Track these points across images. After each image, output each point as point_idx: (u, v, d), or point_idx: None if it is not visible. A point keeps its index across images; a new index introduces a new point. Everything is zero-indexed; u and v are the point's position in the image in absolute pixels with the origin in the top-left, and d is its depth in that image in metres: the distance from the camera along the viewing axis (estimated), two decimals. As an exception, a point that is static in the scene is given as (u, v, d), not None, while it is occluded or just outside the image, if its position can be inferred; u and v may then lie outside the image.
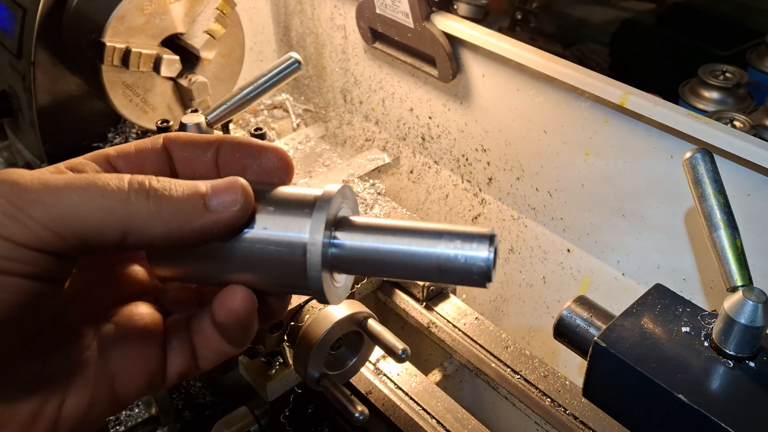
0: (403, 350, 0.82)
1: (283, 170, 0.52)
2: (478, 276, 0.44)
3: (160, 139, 0.52)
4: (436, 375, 1.07)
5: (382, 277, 0.47)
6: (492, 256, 0.44)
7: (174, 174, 0.52)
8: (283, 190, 0.49)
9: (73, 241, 0.42)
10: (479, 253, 0.44)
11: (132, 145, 0.51)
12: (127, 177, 0.43)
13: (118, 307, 0.52)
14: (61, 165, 0.47)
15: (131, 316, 0.52)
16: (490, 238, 0.44)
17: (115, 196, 0.42)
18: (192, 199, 0.45)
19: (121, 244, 0.43)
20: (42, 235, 0.41)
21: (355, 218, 0.47)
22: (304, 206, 0.46)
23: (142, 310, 0.52)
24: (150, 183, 0.44)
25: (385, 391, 0.94)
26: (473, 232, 0.44)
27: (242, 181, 0.46)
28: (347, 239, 0.46)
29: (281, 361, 0.95)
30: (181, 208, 0.44)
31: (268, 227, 0.47)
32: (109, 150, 0.50)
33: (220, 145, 0.51)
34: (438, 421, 0.90)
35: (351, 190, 0.50)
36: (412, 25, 1.19)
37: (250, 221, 0.47)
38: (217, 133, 0.53)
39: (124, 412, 1.04)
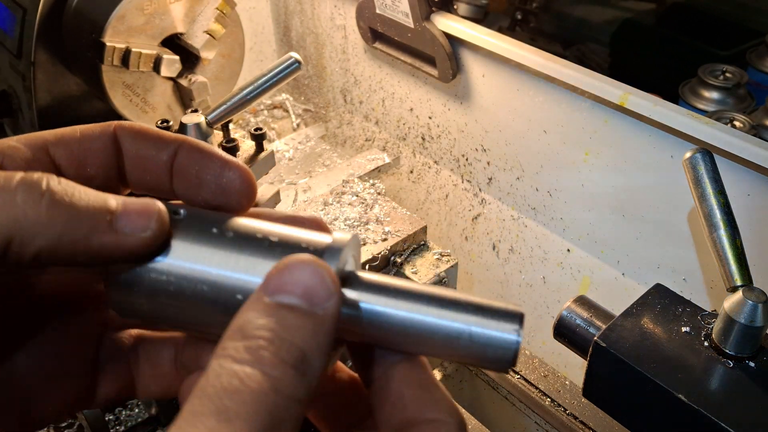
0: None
1: (244, 195, 0.44)
2: (500, 361, 0.38)
3: (110, 126, 0.45)
4: (436, 375, 1.07)
5: (391, 348, 0.41)
6: (520, 339, 0.38)
7: (121, 172, 0.45)
8: (293, 232, 0.41)
9: None
10: (505, 334, 0.38)
11: (77, 129, 0.44)
12: (18, 175, 0.36)
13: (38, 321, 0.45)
14: None
15: (55, 334, 0.45)
16: (519, 318, 0.38)
17: None
18: (96, 214, 0.37)
19: (2, 255, 0.36)
20: None
21: (364, 274, 0.40)
22: (309, 251, 0.39)
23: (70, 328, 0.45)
24: (48, 183, 0.36)
25: (385, 391, 0.94)
26: (500, 308, 0.38)
27: (160, 206, 0.39)
28: (357, 298, 0.39)
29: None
30: (79, 219, 0.36)
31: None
32: (47, 134, 0.43)
33: (178, 147, 0.44)
34: (438, 421, 0.90)
35: (358, 241, 0.43)
36: (412, 25, 1.19)
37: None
38: (174, 134, 0.46)
39: (123, 412, 1.04)
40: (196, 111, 1.12)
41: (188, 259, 0.40)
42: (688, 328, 0.69)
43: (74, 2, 1.15)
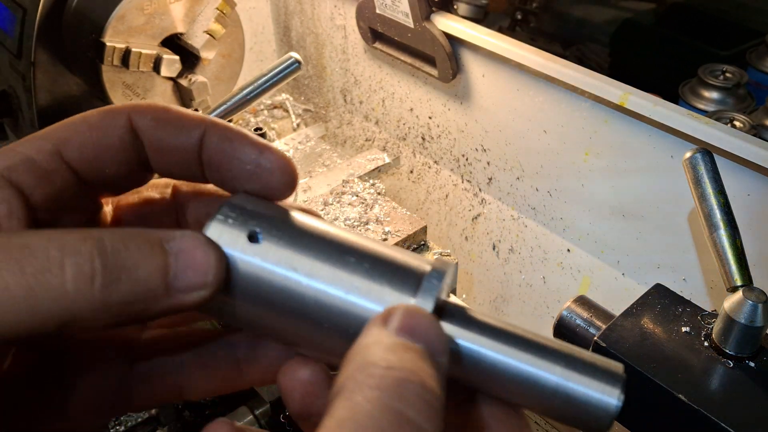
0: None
1: (285, 183, 0.41)
2: (594, 425, 0.36)
3: (123, 114, 0.41)
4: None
5: (482, 390, 0.39)
6: (620, 405, 0.35)
7: (142, 158, 0.42)
8: (389, 253, 0.39)
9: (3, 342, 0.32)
10: (605, 397, 0.35)
11: (84, 124, 0.40)
12: (58, 257, 0.32)
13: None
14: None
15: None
16: (622, 381, 0.35)
17: (45, 294, 0.32)
18: (151, 281, 0.34)
19: (58, 336, 0.35)
20: None
21: (471, 312, 0.38)
22: (408, 276, 0.37)
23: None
24: (93, 263, 0.33)
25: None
26: (604, 366, 0.36)
27: (214, 247, 0.37)
28: (458, 336, 0.37)
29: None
30: (135, 296, 0.34)
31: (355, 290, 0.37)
32: (55, 137, 0.39)
33: (205, 131, 0.41)
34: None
35: (455, 270, 0.41)
36: (412, 25, 1.19)
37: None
38: (198, 114, 0.42)
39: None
40: (196, 111, 1.12)
41: (290, 254, 0.37)
42: (688, 328, 0.69)
43: (74, 2, 1.15)
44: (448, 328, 0.37)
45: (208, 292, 0.36)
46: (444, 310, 0.38)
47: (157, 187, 0.45)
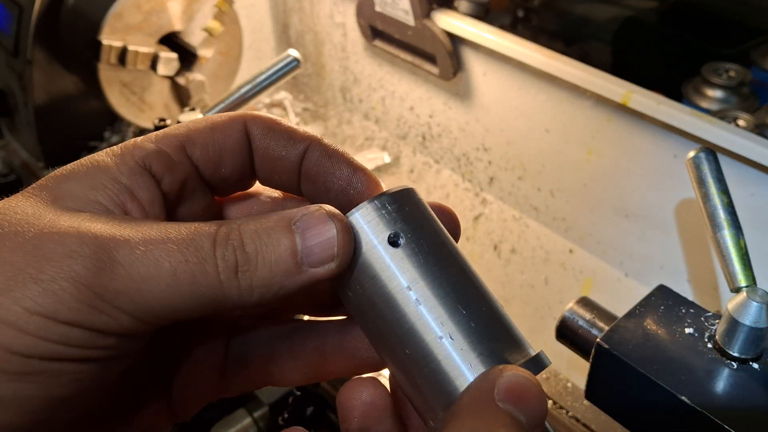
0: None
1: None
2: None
3: (241, 120, 0.45)
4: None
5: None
6: None
7: (252, 165, 0.46)
8: (507, 328, 0.42)
9: (160, 324, 0.38)
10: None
11: (208, 124, 0.45)
12: (209, 244, 0.38)
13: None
14: (131, 154, 0.42)
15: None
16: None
17: (205, 281, 0.37)
18: (283, 263, 0.39)
19: (210, 317, 0.40)
20: (129, 324, 0.37)
21: None
22: (516, 346, 0.41)
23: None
24: (236, 254, 0.38)
25: (385, 392, 0.93)
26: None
27: (336, 216, 0.40)
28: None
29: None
30: (272, 278, 0.38)
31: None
32: (180, 133, 0.44)
33: (308, 147, 0.45)
34: (438, 424, 0.89)
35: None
36: (412, 23, 1.18)
37: None
38: (304, 130, 0.46)
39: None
40: (193, 109, 1.11)
41: (419, 272, 0.39)
42: (691, 330, 0.68)
43: (71, 0, 1.14)
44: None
45: (337, 264, 0.39)
46: None
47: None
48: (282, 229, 0.39)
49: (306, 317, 0.51)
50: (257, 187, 0.50)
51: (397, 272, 0.39)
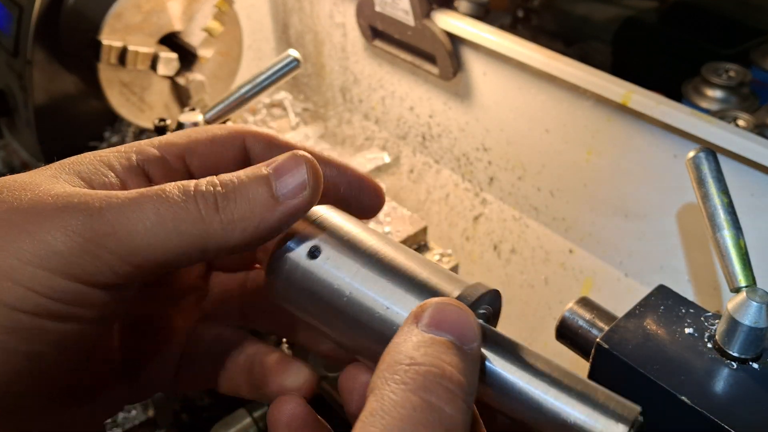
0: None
1: (376, 208, 0.51)
2: None
3: (240, 134, 0.48)
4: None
5: (495, 408, 0.41)
6: None
7: None
8: (416, 259, 0.44)
9: (150, 270, 0.40)
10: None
11: (208, 135, 0.48)
12: (191, 187, 0.41)
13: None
14: (132, 154, 0.45)
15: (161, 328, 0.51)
16: (631, 422, 0.37)
17: (187, 217, 0.40)
18: (260, 195, 0.41)
19: (198, 261, 0.42)
20: (121, 269, 0.39)
21: (492, 330, 0.41)
22: (452, 282, 0.42)
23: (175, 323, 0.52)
24: (215, 191, 0.41)
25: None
26: (616, 406, 0.37)
27: (305, 155, 0.43)
28: (492, 360, 0.40)
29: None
30: (251, 210, 0.41)
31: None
32: (180, 141, 0.47)
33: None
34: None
35: (499, 298, 0.44)
36: (412, 23, 1.18)
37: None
38: (303, 144, 0.49)
39: (120, 414, 1.04)
40: (193, 109, 1.11)
41: (341, 271, 0.43)
42: (691, 330, 0.68)
43: (71, 1, 1.14)
44: (485, 353, 0.40)
45: (309, 193, 0.42)
46: (487, 336, 0.40)
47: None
48: (256, 170, 0.42)
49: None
50: None
51: (324, 278, 0.44)
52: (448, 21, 1.15)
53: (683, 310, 0.70)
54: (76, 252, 0.37)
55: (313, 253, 0.44)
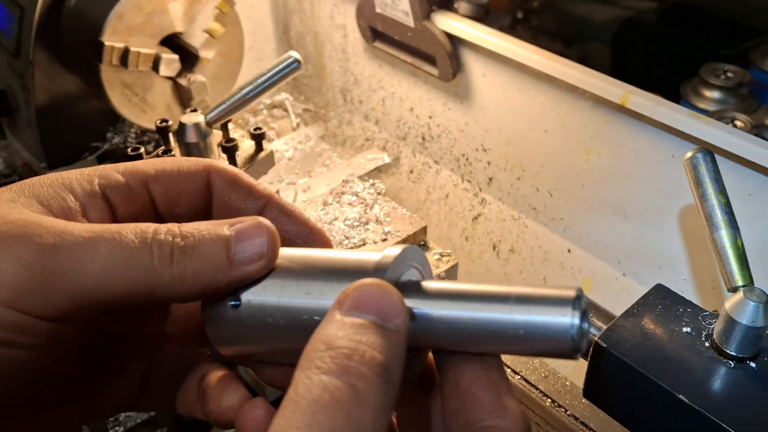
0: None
1: None
2: (561, 350, 0.38)
3: (206, 169, 0.49)
4: (436, 376, 1.07)
5: (453, 350, 0.42)
6: (576, 323, 0.37)
7: (207, 212, 0.50)
8: (334, 254, 0.45)
9: (92, 309, 0.40)
10: (556, 320, 0.37)
11: (175, 166, 0.48)
12: (149, 234, 0.41)
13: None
14: (95, 178, 0.45)
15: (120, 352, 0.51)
16: (570, 302, 0.37)
17: (140, 264, 0.40)
18: (217, 256, 0.42)
19: (143, 305, 0.42)
20: (63, 306, 0.39)
21: (424, 283, 0.42)
22: (361, 273, 0.42)
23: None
24: (173, 243, 0.41)
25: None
26: (551, 295, 0.38)
27: (268, 226, 0.44)
28: (412, 306, 0.41)
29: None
30: (204, 268, 0.41)
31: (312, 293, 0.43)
32: (148, 168, 0.47)
33: (266, 204, 0.49)
34: (438, 422, 0.90)
35: (418, 252, 0.44)
36: (412, 24, 1.19)
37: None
38: (264, 187, 0.50)
39: (122, 414, 1.04)
40: (195, 110, 1.11)
41: (271, 293, 0.44)
42: (689, 329, 0.69)
43: (73, 1, 1.15)
44: (408, 303, 0.40)
45: (264, 263, 0.43)
46: (405, 288, 0.41)
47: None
48: (218, 228, 0.43)
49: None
50: None
51: (252, 322, 0.44)
52: (447, 22, 1.16)
53: (681, 310, 0.71)
54: (21, 285, 0.38)
55: (235, 303, 0.44)
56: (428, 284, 0.42)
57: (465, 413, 0.40)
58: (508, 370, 0.94)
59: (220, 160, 0.52)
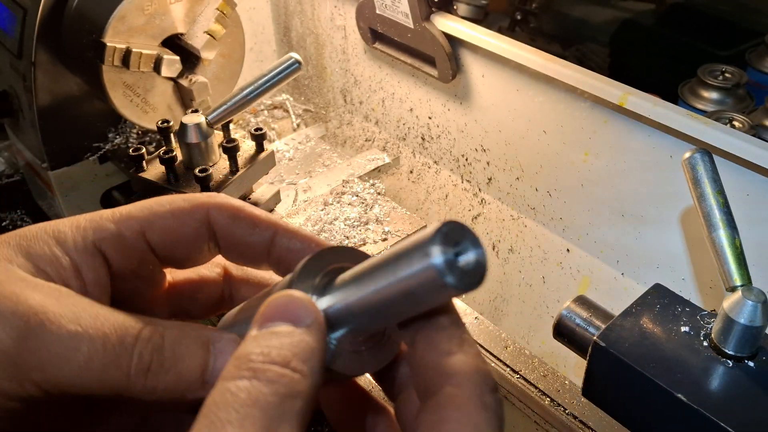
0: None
1: None
2: (439, 289, 0.36)
3: (204, 207, 0.47)
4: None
5: (381, 325, 0.44)
6: (441, 258, 0.35)
7: (212, 250, 0.49)
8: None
9: (57, 397, 0.40)
10: (423, 265, 0.36)
11: (168, 210, 0.47)
12: (132, 343, 0.40)
13: None
14: (89, 232, 0.44)
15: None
16: (430, 240, 0.36)
17: (115, 371, 0.40)
18: (191, 376, 0.42)
19: (109, 400, 0.42)
20: (32, 392, 0.39)
21: (340, 276, 0.43)
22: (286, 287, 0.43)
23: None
24: (152, 358, 0.41)
25: (385, 390, 0.94)
26: (417, 240, 0.37)
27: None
28: (330, 303, 0.42)
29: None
30: (176, 386, 0.41)
31: None
32: (140, 215, 0.46)
33: (275, 234, 0.48)
34: (438, 421, 0.90)
35: (348, 251, 0.45)
36: (411, 26, 1.19)
37: None
38: (268, 216, 0.49)
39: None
40: (196, 111, 1.12)
41: None
42: (687, 328, 0.69)
43: (75, 2, 1.15)
44: (328, 301, 0.41)
45: None
46: (325, 289, 0.42)
47: (211, 265, 0.53)
48: (201, 346, 0.42)
49: None
50: (217, 262, 0.54)
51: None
52: (447, 23, 1.16)
53: (679, 309, 0.71)
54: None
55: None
56: (343, 275, 0.42)
57: (421, 380, 0.40)
58: (508, 369, 0.94)
59: (219, 194, 0.49)
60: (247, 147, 1.15)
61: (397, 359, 0.46)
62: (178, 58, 1.16)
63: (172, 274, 0.53)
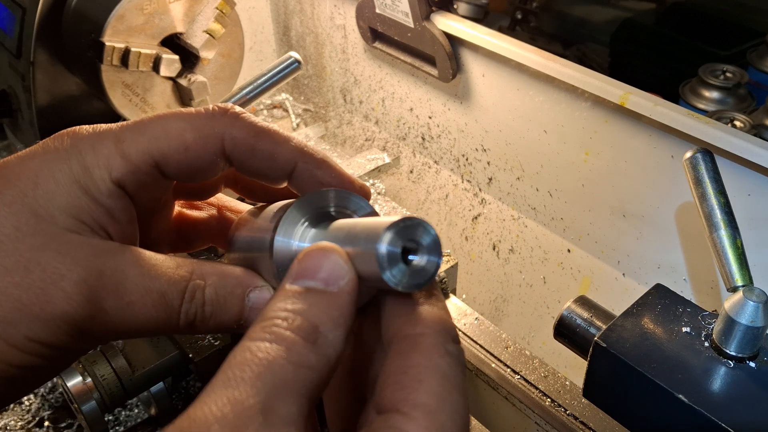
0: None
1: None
2: (380, 278, 0.37)
3: (218, 141, 0.48)
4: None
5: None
6: (384, 249, 0.37)
7: (221, 180, 0.56)
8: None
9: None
10: (371, 245, 0.37)
11: (182, 148, 0.47)
12: (177, 306, 0.46)
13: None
14: (111, 172, 0.46)
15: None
16: (384, 228, 0.37)
17: (166, 327, 0.46)
18: (228, 322, 0.47)
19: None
20: (92, 347, 0.48)
21: (332, 222, 0.44)
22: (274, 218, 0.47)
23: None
24: (197, 315, 0.46)
25: (385, 391, 0.94)
26: (379, 223, 0.38)
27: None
28: (307, 239, 0.44)
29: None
30: (216, 329, 0.48)
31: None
32: (156, 148, 0.47)
33: (296, 164, 0.50)
34: (438, 422, 0.90)
35: (332, 193, 0.46)
36: (412, 25, 1.19)
37: None
38: (288, 145, 0.51)
39: (123, 413, 1.04)
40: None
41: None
42: (688, 329, 0.69)
43: (73, 2, 1.15)
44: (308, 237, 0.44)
45: None
46: (313, 225, 0.45)
47: (207, 206, 0.58)
48: (237, 298, 0.47)
49: None
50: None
51: None
52: (447, 23, 1.16)
53: (680, 309, 0.71)
54: (70, 339, 0.43)
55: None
56: (324, 230, 0.44)
57: (387, 330, 0.42)
58: (508, 371, 0.94)
59: (235, 113, 0.49)
60: (246, 147, 1.14)
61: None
62: (177, 57, 1.16)
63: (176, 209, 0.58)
